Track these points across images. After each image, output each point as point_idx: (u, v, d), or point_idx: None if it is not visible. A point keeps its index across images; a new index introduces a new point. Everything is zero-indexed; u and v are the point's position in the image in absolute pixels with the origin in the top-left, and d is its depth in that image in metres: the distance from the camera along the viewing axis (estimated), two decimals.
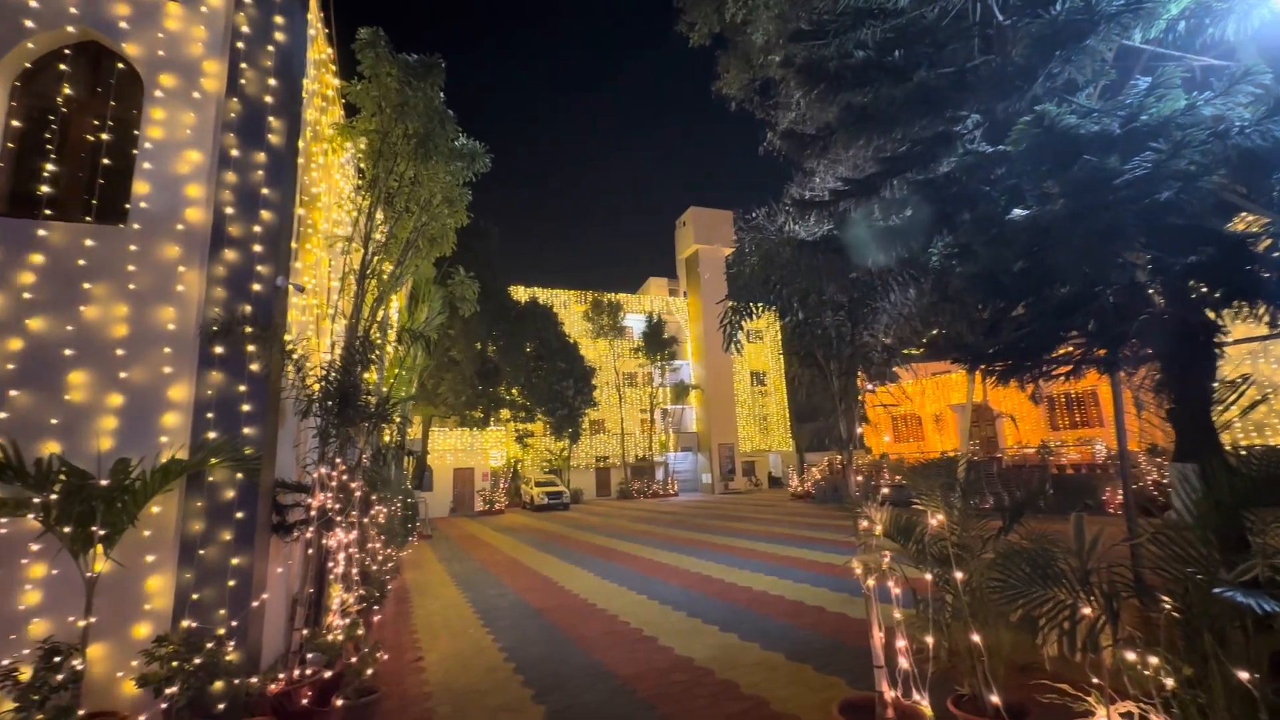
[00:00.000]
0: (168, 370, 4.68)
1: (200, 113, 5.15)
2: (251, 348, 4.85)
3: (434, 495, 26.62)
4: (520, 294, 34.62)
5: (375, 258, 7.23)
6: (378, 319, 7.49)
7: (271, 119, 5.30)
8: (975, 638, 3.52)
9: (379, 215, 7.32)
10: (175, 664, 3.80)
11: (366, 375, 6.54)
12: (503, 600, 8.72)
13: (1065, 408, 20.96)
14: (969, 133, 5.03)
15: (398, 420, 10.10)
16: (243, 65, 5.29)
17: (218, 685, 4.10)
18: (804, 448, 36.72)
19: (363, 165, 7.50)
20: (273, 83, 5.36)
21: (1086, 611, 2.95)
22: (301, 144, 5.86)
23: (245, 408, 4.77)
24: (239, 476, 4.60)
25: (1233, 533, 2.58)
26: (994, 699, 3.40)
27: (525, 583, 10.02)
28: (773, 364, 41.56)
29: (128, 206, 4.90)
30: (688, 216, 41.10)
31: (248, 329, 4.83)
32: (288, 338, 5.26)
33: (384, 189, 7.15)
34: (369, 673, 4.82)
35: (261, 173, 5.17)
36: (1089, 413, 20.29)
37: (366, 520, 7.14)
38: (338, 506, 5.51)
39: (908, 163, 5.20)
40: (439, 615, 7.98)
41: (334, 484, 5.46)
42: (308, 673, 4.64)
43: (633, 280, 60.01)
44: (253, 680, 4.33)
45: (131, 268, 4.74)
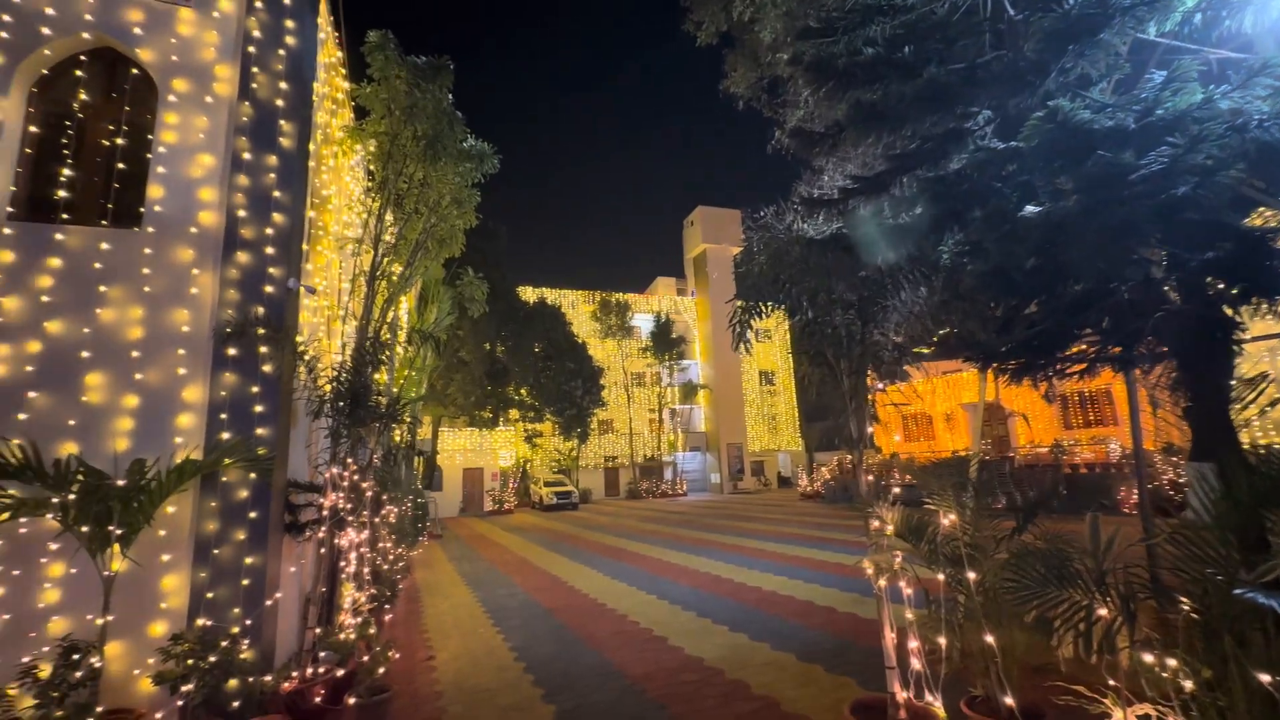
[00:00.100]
0: (182, 372, 4.74)
1: (213, 117, 5.21)
2: (264, 349, 4.90)
3: (444, 495, 26.76)
4: (528, 294, 34.72)
5: (385, 259, 7.28)
6: (388, 320, 7.53)
7: (283, 122, 5.35)
8: (989, 638, 3.49)
9: (389, 217, 7.37)
10: (191, 662, 3.84)
11: (377, 376, 6.58)
12: (513, 600, 8.75)
13: (1079, 406, 20.71)
14: (980, 129, 4.98)
15: (408, 420, 10.15)
16: (254, 69, 5.34)
17: (232, 683, 4.14)
18: (813, 447, 36.58)
19: (372, 167, 7.55)
20: (284, 86, 5.41)
21: (1102, 612, 2.92)
22: (312, 147, 5.91)
23: (258, 408, 4.82)
24: (252, 477, 4.65)
25: (1252, 533, 2.53)
26: (1008, 700, 3.37)
27: (535, 582, 10.05)
28: (781, 363, 41.40)
29: (142, 210, 4.96)
30: (695, 216, 41.03)
31: (260, 330, 4.88)
32: (299, 339, 5.30)
33: (393, 191, 7.20)
34: (381, 671, 4.85)
35: (273, 176, 5.22)
36: (1103, 411, 20.04)
37: (377, 520, 7.19)
38: (349, 506, 5.55)
39: (918, 160, 5.15)
40: (449, 615, 8.02)
41: (345, 484, 5.50)
42: (320, 671, 4.68)
43: (640, 280, 60.06)
44: (266, 678, 4.37)
45: (146, 271, 4.80)
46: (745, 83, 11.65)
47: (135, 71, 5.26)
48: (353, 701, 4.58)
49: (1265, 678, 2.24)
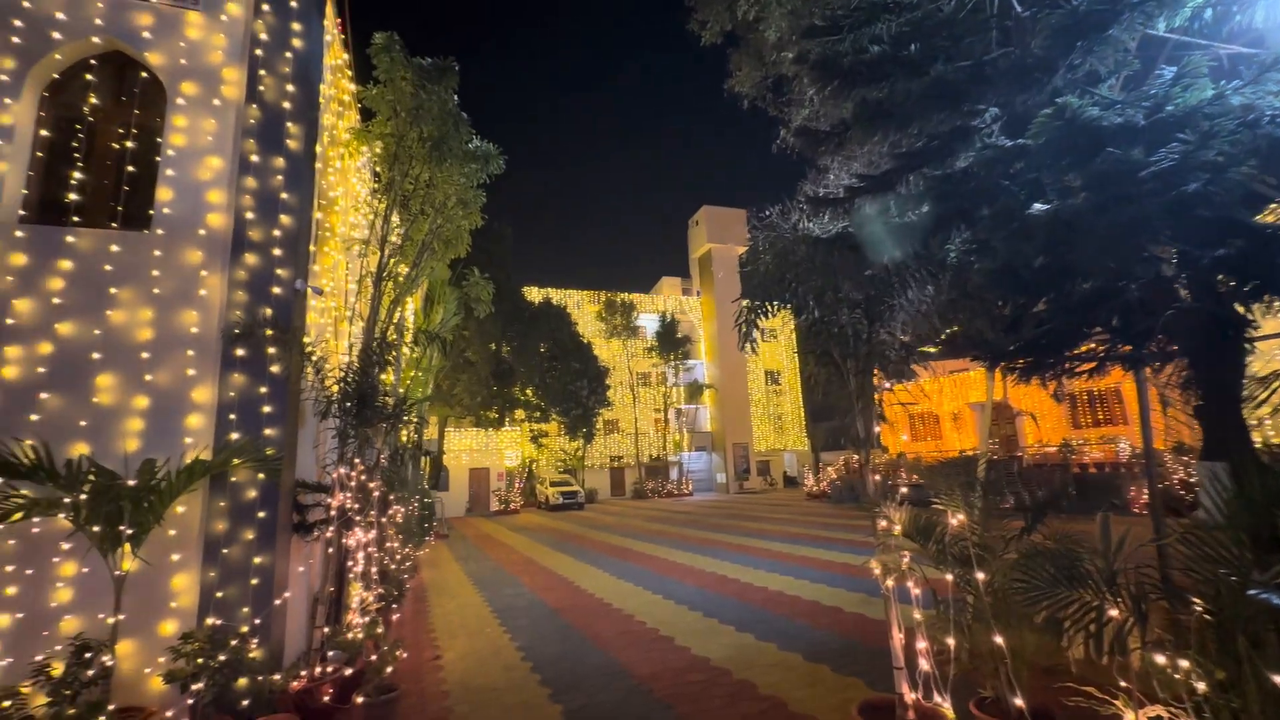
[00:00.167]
0: (191, 373, 4.77)
1: (221, 119, 5.25)
2: (272, 350, 4.93)
3: (450, 495, 26.86)
4: (534, 295, 34.78)
5: (391, 260, 7.31)
6: (394, 321, 7.57)
7: (290, 124, 5.38)
8: (998, 639, 3.46)
9: (395, 218, 7.40)
10: (201, 661, 3.87)
11: (384, 376, 6.61)
12: (519, 600, 8.76)
13: (1087, 405, 20.55)
14: (987, 127, 4.96)
15: (414, 421, 10.19)
16: (261, 72, 5.38)
17: (241, 682, 4.17)
18: (819, 447, 36.44)
19: (378, 169, 7.59)
20: (291, 89, 5.44)
21: (1113, 613, 2.89)
22: (319, 149, 5.94)
23: (266, 409, 4.85)
24: (260, 477, 4.68)
25: (1265, 533, 2.50)
26: (1018, 702, 3.35)
27: (541, 582, 10.07)
28: (787, 363, 41.29)
29: (151, 212, 5.00)
30: (701, 216, 40.98)
31: (268, 332, 4.91)
32: (307, 340, 5.33)
33: (399, 192, 7.23)
34: (388, 671, 4.88)
35: (280, 178, 5.25)
36: (1112, 410, 19.87)
37: (385, 520, 7.23)
38: (357, 506, 5.58)
39: (924, 158, 5.13)
40: (456, 614, 8.05)
41: (353, 484, 5.53)
42: (329, 670, 4.70)
43: (645, 280, 60.04)
44: (275, 677, 4.40)
45: (156, 273, 4.84)
46: (750, 82, 11.63)
47: (144, 75, 5.31)
48: (361, 700, 4.60)
49: (1279, 679, 2.21)
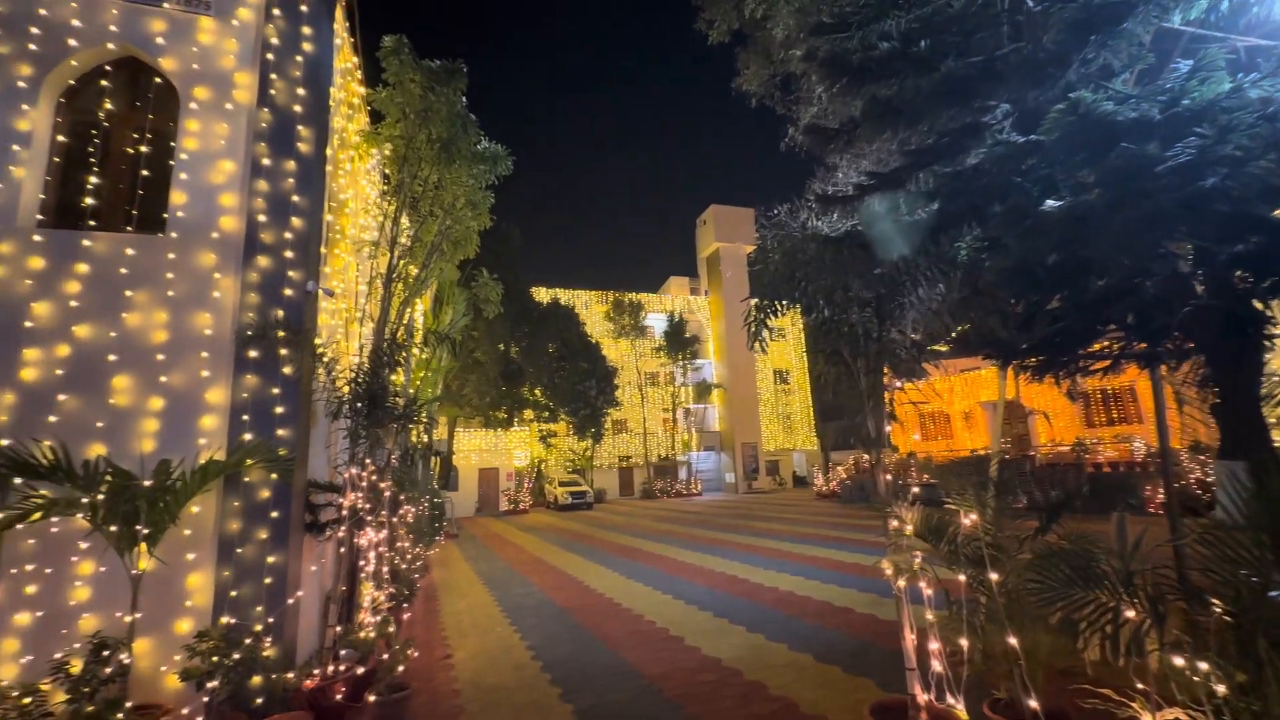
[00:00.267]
0: (205, 374, 4.83)
1: (233, 123, 5.30)
2: (284, 351, 4.98)
3: (460, 495, 26.98)
4: (542, 295, 34.87)
5: (401, 261, 7.35)
6: (404, 322, 7.61)
7: (301, 128, 5.43)
8: (1012, 640, 3.43)
9: (404, 220, 7.44)
10: (216, 659, 3.92)
11: (394, 377, 6.65)
12: (529, 599, 8.79)
13: (1101, 404, 20.29)
14: (998, 123, 4.91)
15: (424, 421, 10.24)
16: (273, 76, 5.43)
17: (256, 680, 4.22)
18: (829, 446, 36.29)
19: (388, 171, 7.64)
20: (301, 92, 5.49)
21: (1130, 614, 2.85)
22: (329, 151, 5.98)
23: (279, 410, 4.90)
24: (273, 477, 4.73)
25: None
26: (1032, 703, 3.31)
27: (551, 582, 10.09)
28: (796, 362, 41.14)
29: (166, 216, 5.07)
30: (708, 215, 40.90)
31: (280, 333, 4.96)
32: (318, 341, 5.38)
33: (409, 194, 7.27)
34: (400, 669, 4.91)
35: (292, 180, 5.30)
36: (1127, 409, 19.62)
37: (395, 519, 7.27)
38: (368, 506, 5.62)
39: (935, 155, 5.09)
40: (467, 614, 8.08)
41: (364, 484, 5.57)
42: (341, 669, 4.74)
43: (653, 280, 60.03)
44: (289, 675, 4.44)
45: (170, 275, 4.90)
46: (758, 80, 11.59)
47: (158, 80, 5.37)
48: (373, 699, 4.63)
49: None
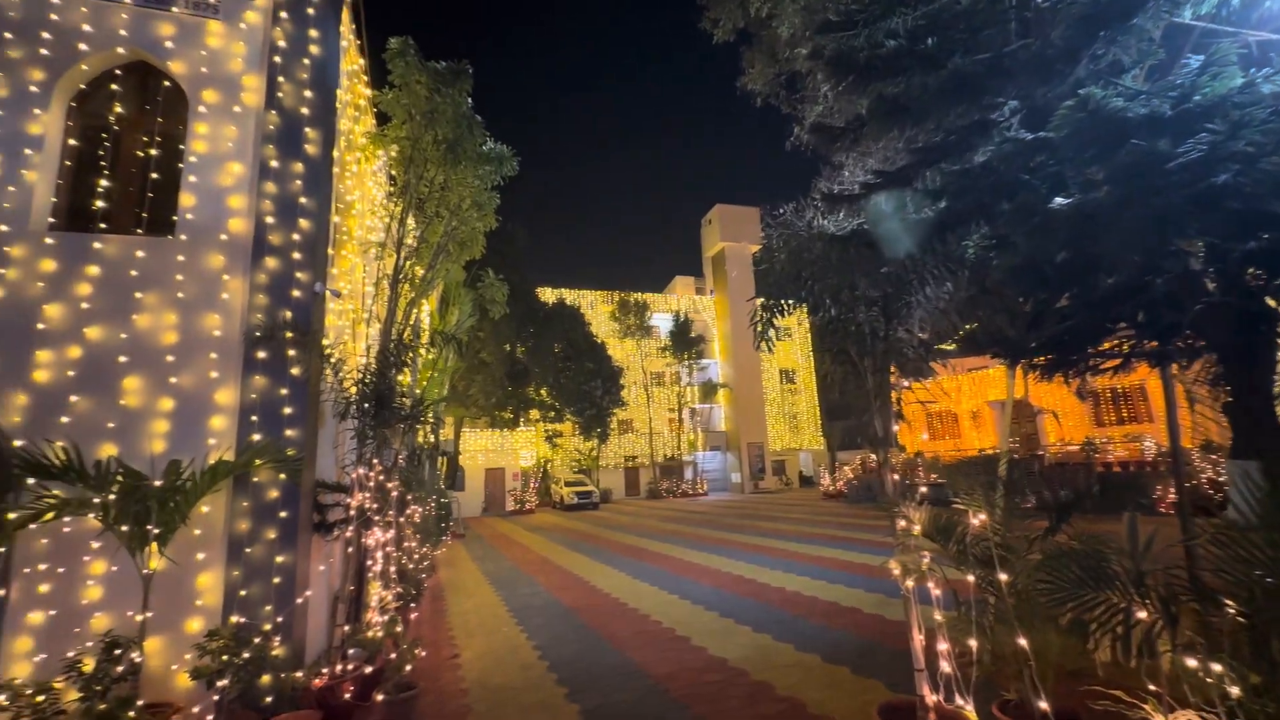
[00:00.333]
0: (214, 375, 4.86)
1: (241, 126, 5.34)
2: (292, 352, 5.00)
3: (466, 495, 27.05)
4: (548, 295, 34.93)
5: (407, 262, 7.38)
6: (410, 322, 7.65)
7: (308, 130, 5.46)
8: (1021, 641, 3.40)
9: (410, 221, 7.47)
10: (225, 658, 3.94)
11: (401, 378, 6.68)
12: (535, 599, 8.80)
13: (1111, 403, 20.13)
14: (1006, 120, 4.87)
15: (431, 421, 10.29)
16: (280, 79, 5.46)
17: (265, 679, 4.25)
18: (835, 446, 36.12)
19: (394, 172, 7.67)
20: (309, 95, 5.52)
21: (1142, 615, 2.83)
22: (336, 153, 6.02)
23: (287, 410, 4.93)
24: (282, 477, 4.75)
25: None
26: (1042, 705, 3.28)
27: (557, 582, 10.10)
28: (802, 361, 41.01)
29: (175, 218, 5.11)
30: (714, 214, 40.83)
31: (288, 334, 4.99)
32: (326, 342, 5.41)
33: (415, 195, 7.30)
34: (408, 669, 4.93)
35: (299, 182, 5.33)
36: (1137, 408, 19.44)
37: (403, 519, 7.31)
38: (375, 506, 5.64)
39: (942, 153, 5.06)
40: (474, 613, 8.11)
41: (372, 484, 5.59)
42: (349, 668, 4.76)
43: (659, 279, 59.98)
44: (298, 674, 4.47)
45: (180, 277, 4.94)
46: (763, 79, 11.57)
47: (167, 84, 5.42)
48: (381, 698, 4.66)
49: None
